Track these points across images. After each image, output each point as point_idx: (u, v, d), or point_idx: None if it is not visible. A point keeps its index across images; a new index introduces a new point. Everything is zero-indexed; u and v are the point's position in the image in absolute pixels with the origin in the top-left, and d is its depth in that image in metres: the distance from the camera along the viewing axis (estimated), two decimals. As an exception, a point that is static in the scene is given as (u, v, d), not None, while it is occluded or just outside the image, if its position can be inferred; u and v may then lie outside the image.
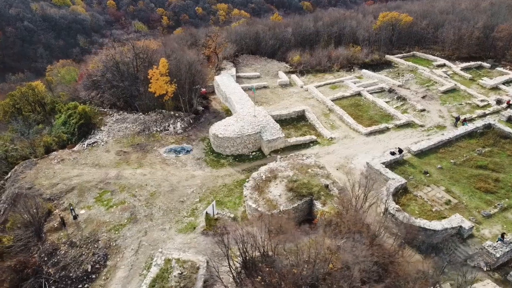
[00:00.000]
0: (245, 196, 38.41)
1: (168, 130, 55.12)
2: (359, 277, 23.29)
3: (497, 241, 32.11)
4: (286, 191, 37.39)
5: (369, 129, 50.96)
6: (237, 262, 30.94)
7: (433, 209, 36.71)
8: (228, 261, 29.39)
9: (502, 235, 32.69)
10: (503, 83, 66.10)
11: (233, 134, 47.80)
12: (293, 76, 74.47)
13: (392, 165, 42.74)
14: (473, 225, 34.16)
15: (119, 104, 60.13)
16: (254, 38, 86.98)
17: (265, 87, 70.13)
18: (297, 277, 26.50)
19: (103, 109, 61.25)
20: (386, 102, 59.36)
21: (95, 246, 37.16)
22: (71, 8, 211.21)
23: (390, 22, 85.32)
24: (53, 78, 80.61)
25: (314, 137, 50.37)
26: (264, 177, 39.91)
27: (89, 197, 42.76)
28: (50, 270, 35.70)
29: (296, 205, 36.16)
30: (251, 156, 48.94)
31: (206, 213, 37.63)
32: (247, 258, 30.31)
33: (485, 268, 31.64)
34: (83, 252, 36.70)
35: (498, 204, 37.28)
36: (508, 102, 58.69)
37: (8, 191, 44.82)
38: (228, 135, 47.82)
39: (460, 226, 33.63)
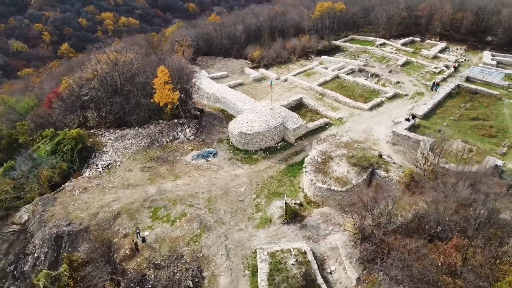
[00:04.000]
0: (311, 180, 40.35)
1: (178, 138, 53.49)
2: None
3: None
4: (351, 166, 40.43)
5: (370, 104, 56.51)
6: (351, 232, 33.18)
7: (465, 157, 43.24)
8: (364, 233, 31.35)
9: None
10: (439, 52, 78.24)
11: (262, 129, 48.88)
12: (262, 70, 77.15)
13: (411, 130, 48.60)
14: (504, 161, 41.44)
15: (110, 122, 55.89)
16: (206, 39, 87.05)
17: (241, 84, 71.38)
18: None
19: (89, 131, 56.30)
20: (365, 80, 65.86)
21: (183, 261, 35.56)
22: None
23: (327, 11, 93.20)
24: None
25: (327, 119, 54.03)
26: (320, 159, 42.29)
27: (142, 217, 40.09)
28: (148, 298, 33.32)
29: (365, 177, 39.52)
30: (278, 147, 50.56)
31: (286, 203, 38.63)
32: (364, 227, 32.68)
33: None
34: (175, 271, 34.88)
35: (504, 144, 45.60)
36: (454, 66, 70.03)
37: (41, 234, 39.38)
38: (256, 130, 48.73)
39: (496, 165, 40.57)
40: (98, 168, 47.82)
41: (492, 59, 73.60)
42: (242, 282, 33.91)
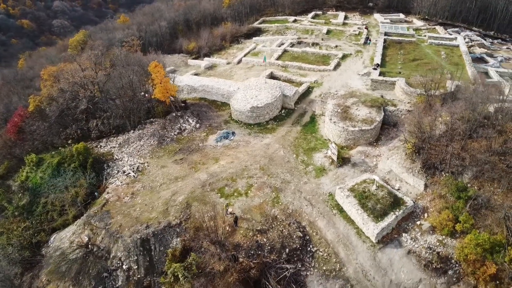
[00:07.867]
0: (343, 128, 47.08)
1: (185, 129, 53.82)
2: None
3: None
4: (369, 108, 48.50)
5: (332, 65, 65.39)
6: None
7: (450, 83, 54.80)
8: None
9: None
10: (344, 19, 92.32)
11: (270, 100, 53.18)
12: (206, 58, 79.50)
13: (381, 75, 59.11)
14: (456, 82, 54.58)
15: (115, 128, 52.67)
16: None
17: (196, 74, 72.84)
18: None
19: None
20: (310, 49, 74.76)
21: (280, 221, 38.85)
22: None
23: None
24: None
25: (308, 84, 60.94)
26: (339, 110, 49.26)
27: (214, 199, 41.21)
28: (272, 257, 35.87)
29: (383, 113, 48.11)
30: (283, 114, 55.52)
31: (338, 150, 44.47)
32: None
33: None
34: (279, 229, 38.02)
35: (447, 72, 59.57)
36: (366, 27, 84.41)
37: (121, 246, 37.15)
38: (266, 102, 52.84)
39: (457, 85, 53.45)
40: (129, 173, 45.74)
41: (385, 19, 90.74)
42: (336, 219, 39.14)
